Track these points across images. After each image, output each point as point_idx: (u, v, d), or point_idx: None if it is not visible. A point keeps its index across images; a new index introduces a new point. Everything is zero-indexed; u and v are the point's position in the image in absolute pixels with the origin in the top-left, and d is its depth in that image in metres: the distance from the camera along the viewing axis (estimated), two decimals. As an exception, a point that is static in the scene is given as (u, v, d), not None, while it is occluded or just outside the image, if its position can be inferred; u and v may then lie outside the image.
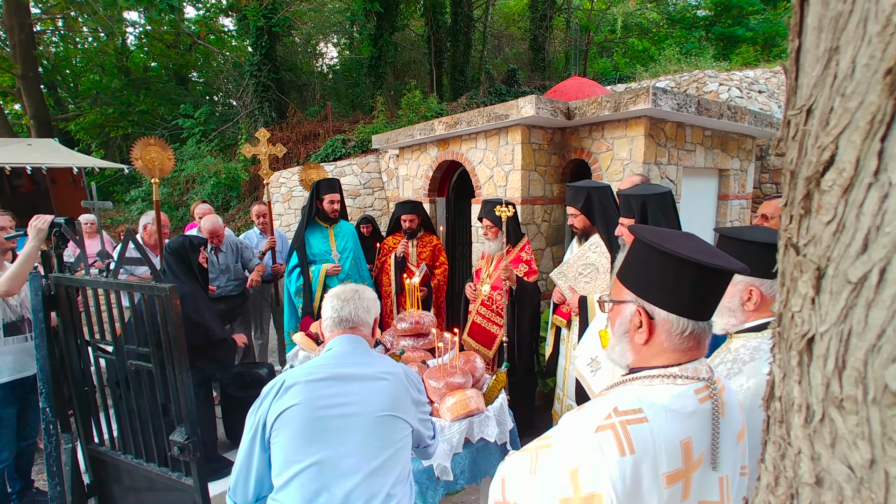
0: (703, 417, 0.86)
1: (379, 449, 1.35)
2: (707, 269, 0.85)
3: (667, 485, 0.80)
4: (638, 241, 0.94)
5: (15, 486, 2.75)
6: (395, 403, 1.41)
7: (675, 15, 18.39)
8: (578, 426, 0.86)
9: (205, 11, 14.73)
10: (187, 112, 12.30)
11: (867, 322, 0.40)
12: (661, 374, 0.89)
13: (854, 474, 0.43)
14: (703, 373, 0.89)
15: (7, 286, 2.40)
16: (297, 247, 3.62)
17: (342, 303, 1.52)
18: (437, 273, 4.10)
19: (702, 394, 0.88)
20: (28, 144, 9.16)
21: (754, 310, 1.33)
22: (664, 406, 0.85)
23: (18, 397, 2.61)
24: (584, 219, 2.76)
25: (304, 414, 1.31)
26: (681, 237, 0.95)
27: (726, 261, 0.88)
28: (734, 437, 0.92)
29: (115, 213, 11.42)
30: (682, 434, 0.83)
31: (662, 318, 0.90)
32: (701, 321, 0.90)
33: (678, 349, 0.90)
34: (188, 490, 2.01)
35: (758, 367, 1.24)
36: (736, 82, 7.97)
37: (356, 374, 1.41)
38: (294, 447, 1.30)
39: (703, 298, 0.89)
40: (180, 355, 1.91)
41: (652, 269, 0.92)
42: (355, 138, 8.96)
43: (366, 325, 1.55)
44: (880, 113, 0.37)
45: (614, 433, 0.81)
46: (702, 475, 0.85)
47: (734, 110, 4.39)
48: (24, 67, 11.31)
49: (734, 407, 0.94)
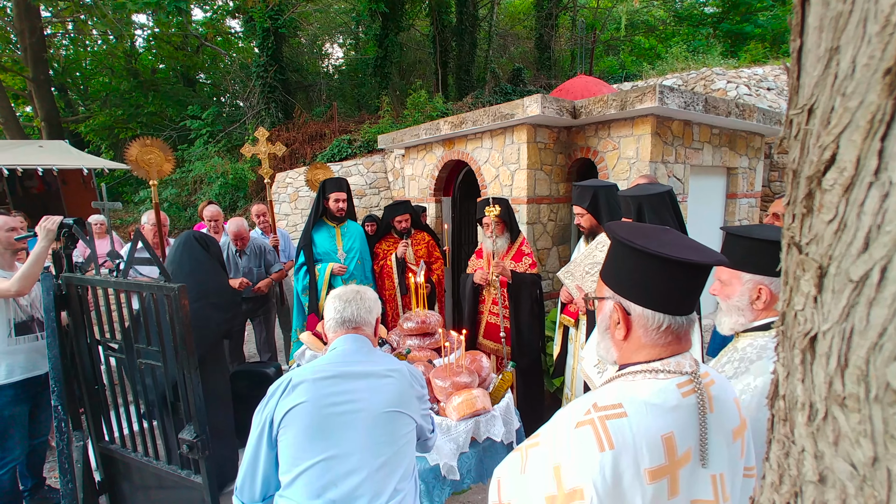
0: (687, 412, 0.85)
1: (385, 445, 1.37)
2: (673, 262, 0.84)
3: (650, 481, 0.79)
4: (613, 238, 0.94)
5: (27, 483, 2.80)
6: (400, 400, 1.44)
7: (682, 12, 18.25)
8: (560, 423, 0.87)
9: (212, 13, 14.85)
10: (195, 113, 12.39)
11: (869, 320, 0.40)
12: (644, 369, 0.89)
13: (857, 472, 0.43)
14: (687, 367, 0.88)
15: (19, 286, 2.43)
16: (304, 245, 3.65)
17: (344, 304, 1.54)
18: (435, 268, 4.12)
19: (685, 388, 0.86)
20: (39, 146, 9.29)
21: (763, 308, 1.31)
22: (644, 401, 0.84)
23: (30, 396, 2.65)
24: (591, 218, 2.75)
25: (311, 411, 1.33)
26: (657, 232, 0.94)
27: (699, 254, 0.87)
28: (727, 435, 0.90)
29: (124, 214, 11.54)
30: (663, 429, 0.82)
31: (638, 314, 0.90)
32: (679, 316, 0.89)
33: (657, 344, 0.90)
34: (197, 488, 2.03)
35: (765, 365, 1.23)
36: (744, 80, 7.90)
37: (362, 371, 1.43)
38: (301, 444, 1.32)
39: (677, 293, 0.88)
40: (189, 354, 1.93)
41: (624, 266, 0.92)
42: (361, 138, 8.98)
43: (368, 325, 1.58)
44: (880, 112, 0.37)
45: (593, 428, 0.81)
46: (691, 472, 0.84)
47: (742, 108, 4.35)
48: (35, 70, 11.47)
49: (727, 403, 0.92)
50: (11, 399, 2.56)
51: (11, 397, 2.56)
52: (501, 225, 3.16)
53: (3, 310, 2.54)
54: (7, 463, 2.56)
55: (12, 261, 2.68)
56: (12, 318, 2.58)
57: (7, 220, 2.62)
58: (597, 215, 2.73)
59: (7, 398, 2.54)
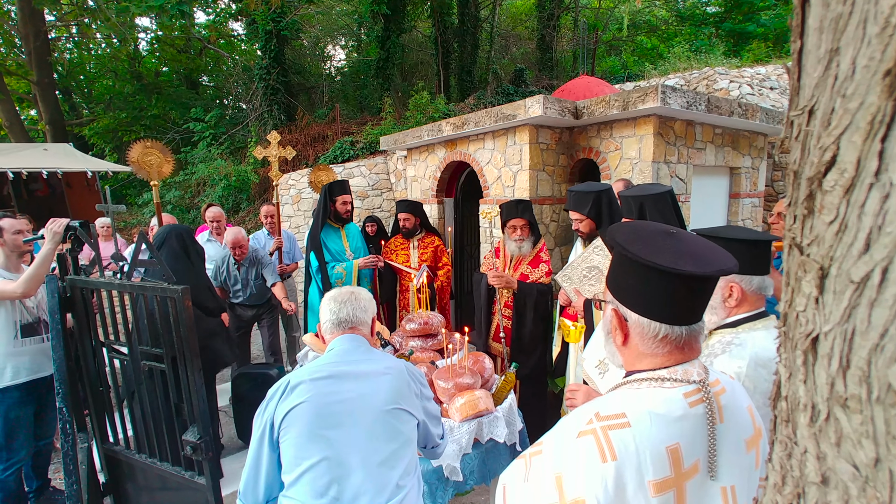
0: (694, 422, 0.81)
1: (385, 441, 1.38)
2: (666, 273, 0.81)
3: (654, 493, 0.76)
4: (611, 242, 0.91)
5: (32, 484, 2.81)
6: (398, 396, 1.44)
7: (684, 12, 18.20)
8: (563, 431, 0.85)
9: (215, 16, 14.90)
10: (198, 116, 12.44)
11: (870, 321, 0.40)
12: (649, 377, 0.86)
13: (859, 473, 0.43)
14: (695, 375, 0.85)
15: (24, 288, 2.45)
16: (315, 248, 3.66)
17: (339, 305, 1.56)
18: (440, 274, 4.07)
19: (692, 397, 0.83)
20: (44, 149, 9.36)
21: (735, 305, 1.35)
22: (648, 410, 0.81)
23: (35, 397, 2.67)
24: (591, 223, 2.75)
25: (311, 411, 1.34)
26: (660, 236, 0.89)
27: (697, 264, 0.81)
28: (741, 445, 0.86)
29: (128, 216, 11.59)
30: (669, 440, 0.79)
31: (634, 321, 0.88)
32: (677, 326, 0.85)
33: (656, 353, 0.87)
34: (201, 489, 2.04)
35: (726, 360, 1.26)
36: (747, 79, 7.88)
37: (360, 370, 1.44)
38: (303, 444, 1.32)
39: (672, 303, 0.84)
40: (192, 356, 1.94)
41: (621, 272, 0.90)
42: (363, 140, 8.99)
43: (364, 325, 1.59)
44: (880, 114, 0.37)
45: (595, 439, 0.79)
46: (699, 485, 0.80)
47: (745, 108, 4.34)
48: (39, 74, 11.56)
49: (739, 412, 0.88)
50: (17, 401, 2.57)
51: (17, 399, 2.57)
52: (528, 229, 3.13)
53: (10, 311, 2.56)
54: (13, 464, 2.57)
55: (19, 263, 2.69)
56: (18, 320, 2.60)
57: (14, 223, 2.64)
58: (598, 219, 2.72)
59: (13, 400, 2.56)
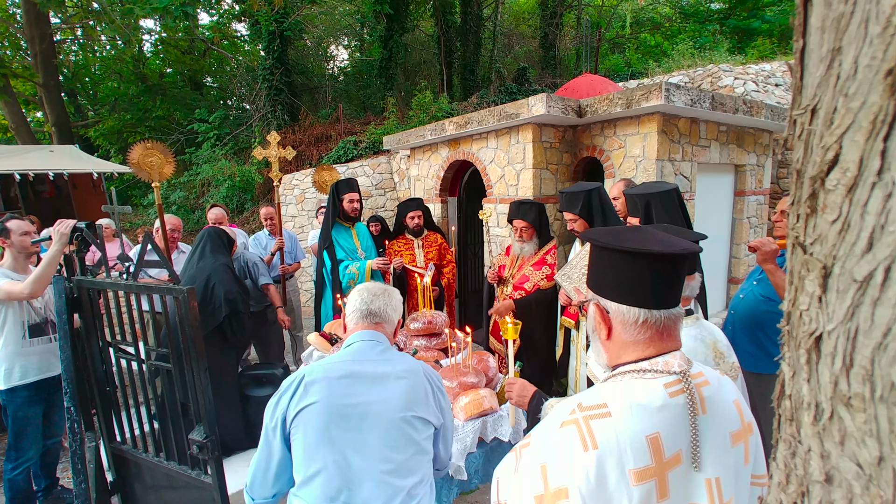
0: (675, 413, 0.83)
1: (398, 450, 1.35)
2: (634, 254, 0.87)
3: (635, 482, 0.77)
4: (585, 240, 0.99)
5: (40, 483, 2.84)
6: (414, 402, 1.40)
7: (688, 9, 18.09)
8: (548, 423, 0.87)
9: (218, 17, 14.94)
10: (202, 117, 12.48)
11: (873, 320, 0.40)
12: (632, 369, 0.89)
13: (863, 471, 0.43)
14: (676, 366, 0.87)
15: (32, 288, 2.47)
16: (327, 247, 3.68)
17: (373, 296, 1.53)
18: (446, 272, 4.08)
19: (672, 388, 0.85)
20: (50, 151, 9.44)
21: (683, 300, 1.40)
22: (629, 401, 0.83)
23: (43, 397, 2.69)
24: (584, 222, 2.74)
25: (324, 412, 1.31)
26: (629, 231, 0.97)
27: (662, 246, 0.87)
28: (726, 438, 0.87)
29: (133, 217, 11.65)
30: (649, 429, 0.80)
31: (614, 310, 0.92)
32: (655, 309, 0.89)
33: (638, 341, 0.90)
34: (207, 488, 2.05)
35: None
36: (752, 76, 7.83)
37: (376, 372, 1.40)
38: (314, 445, 1.30)
39: (646, 285, 0.88)
40: (198, 355, 1.95)
41: (599, 268, 0.96)
42: (367, 140, 9.00)
43: (390, 324, 1.55)
44: (882, 113, 0.37)
45: (577, 428, 0.81)
46: (682, 476, 0.81)
47: (750, 105, 4.32)
48: (45, 76, 11.62)
49: (723, 405, 0.90)
50: (26, 400, 2.60)
51: (26, 398, 2.60)
52: (531, 230, 3.09)
53: (18, 312, 2.59)
54: (21, 463, 2.60)
55: (26, 264, 2.72)
56: (26, 321, 2.62)
57: (21, 224, 2.66)
58: (590, 218, 2.72)
59: (21, 399, 2.58)
